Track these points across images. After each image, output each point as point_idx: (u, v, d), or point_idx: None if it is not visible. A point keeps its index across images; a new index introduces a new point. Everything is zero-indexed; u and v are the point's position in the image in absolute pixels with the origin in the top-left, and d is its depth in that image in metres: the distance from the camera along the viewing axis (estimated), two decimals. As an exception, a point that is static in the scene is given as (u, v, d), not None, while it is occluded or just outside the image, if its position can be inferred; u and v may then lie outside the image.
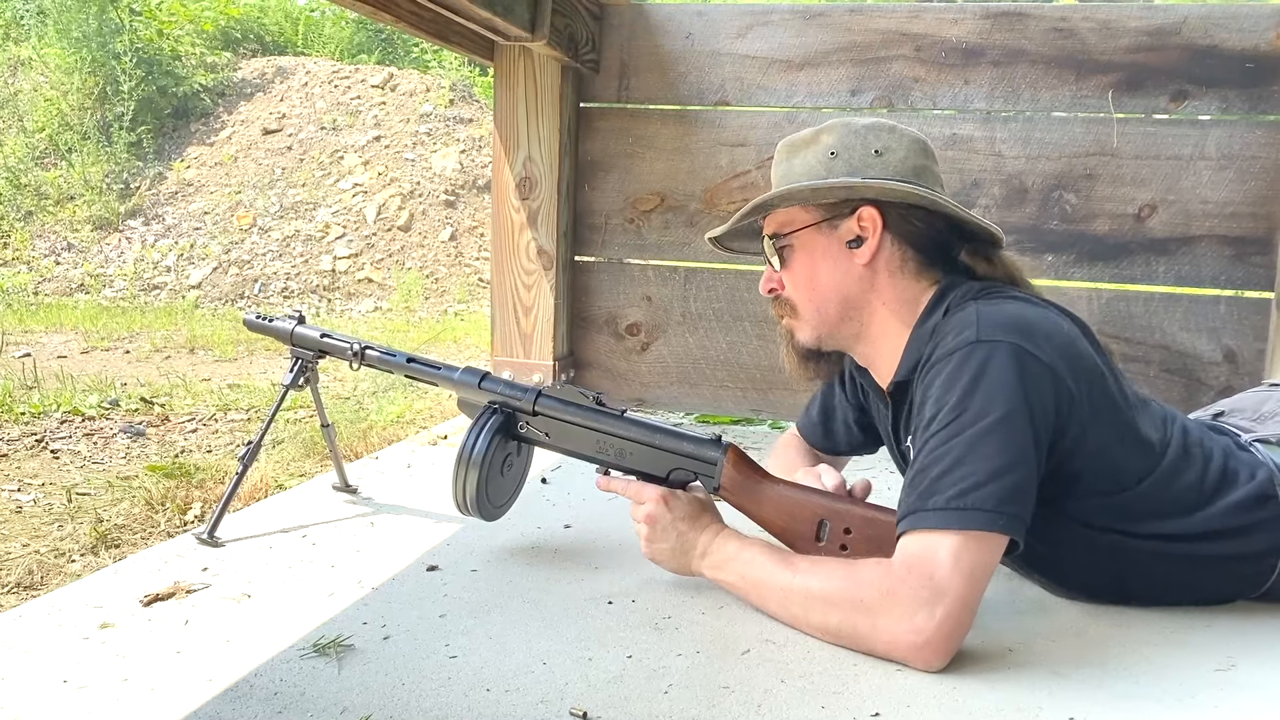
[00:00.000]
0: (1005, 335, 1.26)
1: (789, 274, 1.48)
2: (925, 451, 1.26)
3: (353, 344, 1.71)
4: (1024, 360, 1.24)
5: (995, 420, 1.22)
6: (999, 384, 1.23)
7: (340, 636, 1.29)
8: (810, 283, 1.46)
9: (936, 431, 1.25)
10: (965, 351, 1.26)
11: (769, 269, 1.50)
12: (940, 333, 1.33)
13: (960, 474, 1.21)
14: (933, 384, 1.29)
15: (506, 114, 2.71)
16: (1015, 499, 1.20)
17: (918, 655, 1.20)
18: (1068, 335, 1.32)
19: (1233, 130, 2.41)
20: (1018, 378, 1.23)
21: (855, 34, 2.60)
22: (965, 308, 1.34)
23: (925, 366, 1.33)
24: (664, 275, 2.78)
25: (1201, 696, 1.18)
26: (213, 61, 9.10)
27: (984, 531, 1.19)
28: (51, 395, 3.73)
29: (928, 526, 1.21)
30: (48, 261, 7.53)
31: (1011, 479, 1.20)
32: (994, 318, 1.29)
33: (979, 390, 1.23)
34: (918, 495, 1.23)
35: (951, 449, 1.22)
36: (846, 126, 1.44)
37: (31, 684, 1.15)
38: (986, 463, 1.20)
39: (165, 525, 2.41)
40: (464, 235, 7.78)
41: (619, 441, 1.52)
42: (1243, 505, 1.37)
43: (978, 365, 1.24)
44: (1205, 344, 2.46)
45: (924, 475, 1.24)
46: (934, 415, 1.26)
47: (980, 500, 1.19)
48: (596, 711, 1.11)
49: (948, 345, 1.29)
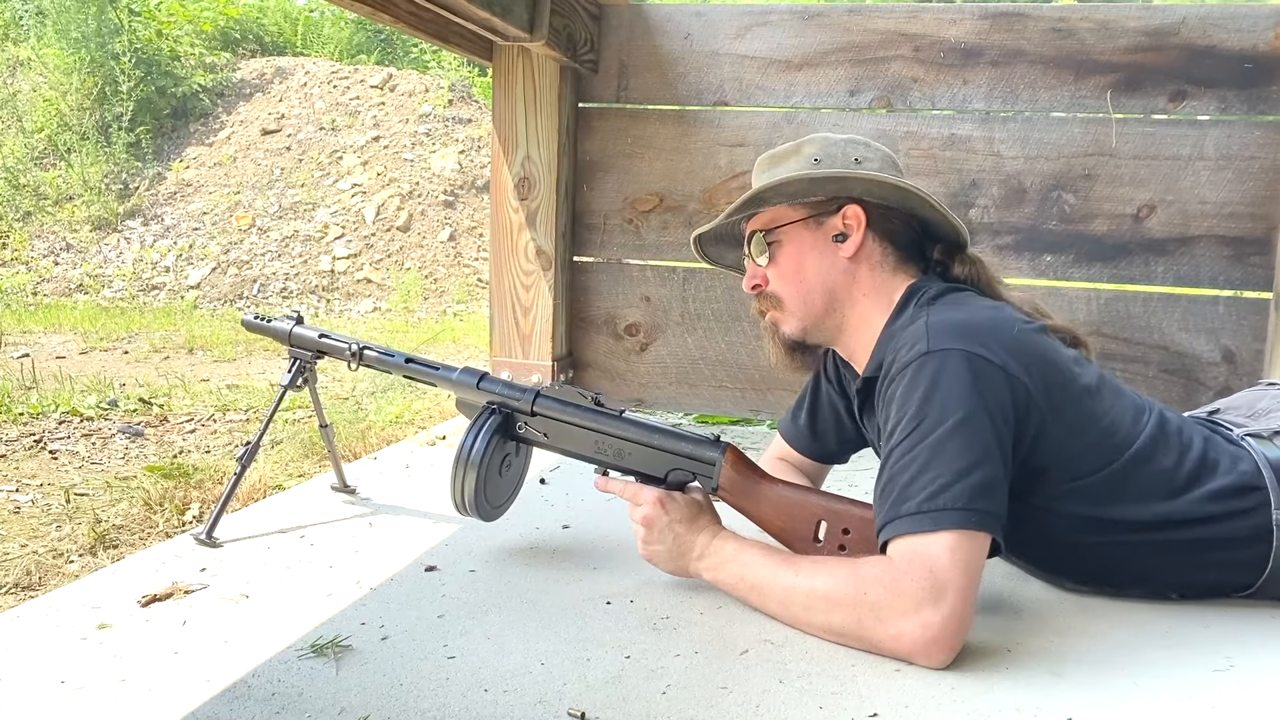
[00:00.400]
0: (954, 342, 1.30)
1: (775, 268, 1.53)
2: (891, 462, 1.29)
3: (351, 344, 1.71)
4: (974, 364, 1.28)
5: (954, 424, 1.25)
6: (953, 390, 1.27)
7: (338, 637, 1.29)
8: (797, 275, 1.52)
9: (899, 442, 1.29)
10: (918, 364, 1.31)
11: (751, 266, 1.57)
12: (897, 343, 1.38)
13: (928, 478, 1.24)
14: (893, 398, 1.34)
15: (505, 114, 2.71)
16: (984, 495, 1.23)
17: (925, 650, 1.20)
18: (1017, 334, 1.35)
19: (1231, 130, 2.41)
20: (970, 382, 1.27)
21: (854, 34, 2.60)
22: (918, 319, 1.38)
23: (885, 379, 1.38)
24: (663, 275, 2.78)
25: (1200, 697, 1.18)
26: (212, 62, 9.09)
27: (961, 530, 1.21)
28: (50, 396, 3.73)
29: (907, 531, 1.23)
30: (46, 262, 7.53)
31: (979, 476, 1.23)
32: (943, 327, 1.33)
33: (935, 398, 1.27)
34: (890, 504, 1.26)
35: (916, 456, 1.26)
36: (826, 139, 1.55)
37: (29, 684, 1.15)
38: (951, 464, 1.23)
39: (163, 526, 2.41)
40: (463, 236, 7.78)
41: (617, 442, 1.52)
42: (1221, 494, 1.38)
43: (931, 375, 1.29)
44: (1204, 344, 2.46)
45: (893, 484, 1.27)
46: (895, 427, 1.31)
47: (951, 500, 1.22)
48: (594, 712, 1.11)
49: (903, 359, 1.34)
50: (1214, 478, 1.39)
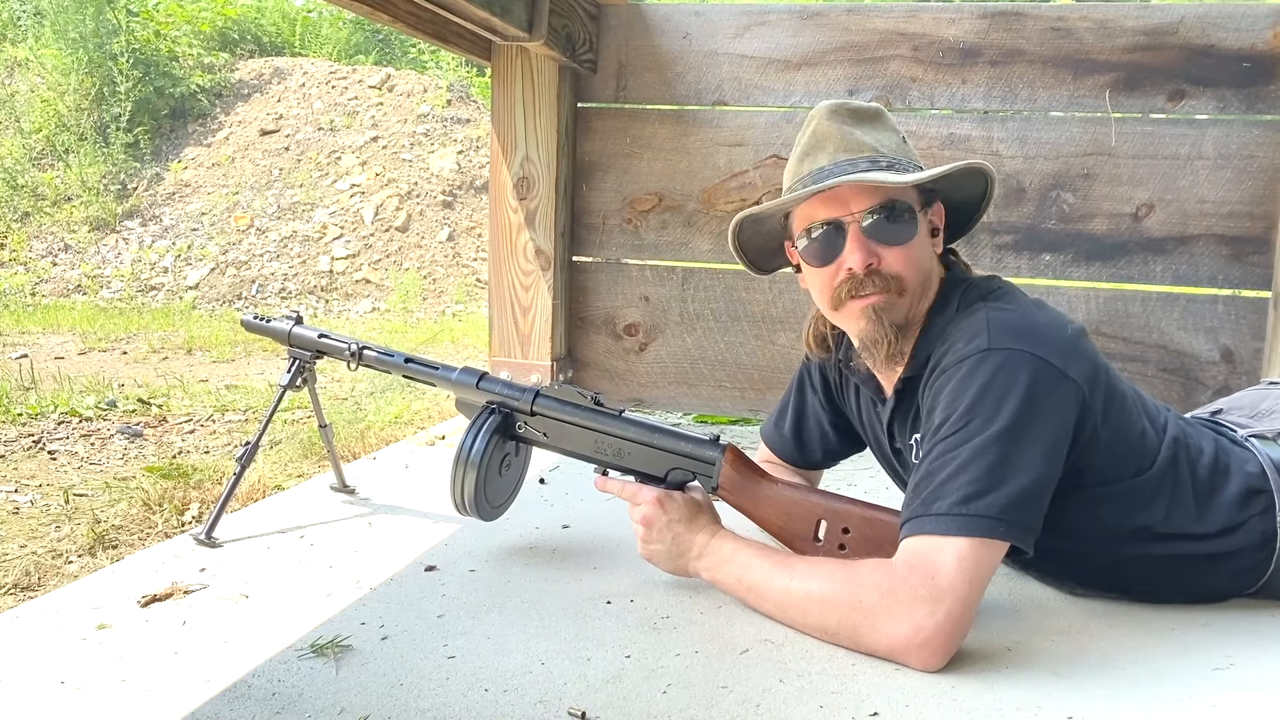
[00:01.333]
0: (1016, 342, 1.27)
1: (907, 249, 1.38)
2: (932, 456, 1.26)
3: (350, 344, 1.71)
4: (1036, 367, 1.25)
5: (1003, 428, 1.22)
6: (1008, 392, 1.24)
7: (338, 637, 1.29)
8: (921, 260, 1.41)
9: (945, 437, 1.25)
10: (976, 359, 1.27)
11: (867, 243, 1.37)
12: (950, 337, 1.34)
13: (964, 480, 1.21)
14: (943, 390, 1.29)
15: (504, 114, 2.71)
16: (1020, 506, 1.21)
17: (916, 655, 1.20)
18: (1070, 335, 1.32)
19: (1230, 130, 2.41)
20: (1027, 386, 1.24)
21: (853, 34, 2.60)
22: (975, 312, 1.34)
23: (935, 372, 1.33)
24: (662, 275, 2.78)
25: (1200, 695, 1.18)
26: (210, 62, 9.08)
27: (984, 538, 1.20)
28: (49, 396, 3.73)
29: (930, 531, 1.21)
30: (45, 262, 7.52)
31: (1016, 486, 1.21)
32: (1004, 324, 1.30)
33: (988, 398, 1.24)
34: (922, 500, 1.24)
35: (958, 455, 1.23)
36: (883, 110, 1.46)
37: (29, 685, 1.15)
38: (991, 470, 1.21)
39: (163, 526, 2.41)
40: (462, 236, 7.77)
41: (617, 441, 1.52)
42: (1237, 500, 1.38)
43: (989, 374, 1.25)
44: (1203, 343, 2.46)
45: (929, 480, 1.24)
46: (943, 421, 1.27)
47: (984, 508, 1.20)
48: (595, 711, 1.11)
49: (959, 351, 1.30)
50: (1229, 482, 1.38)
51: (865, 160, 1.36)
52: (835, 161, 1.37)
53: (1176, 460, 1.38)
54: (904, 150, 1.41)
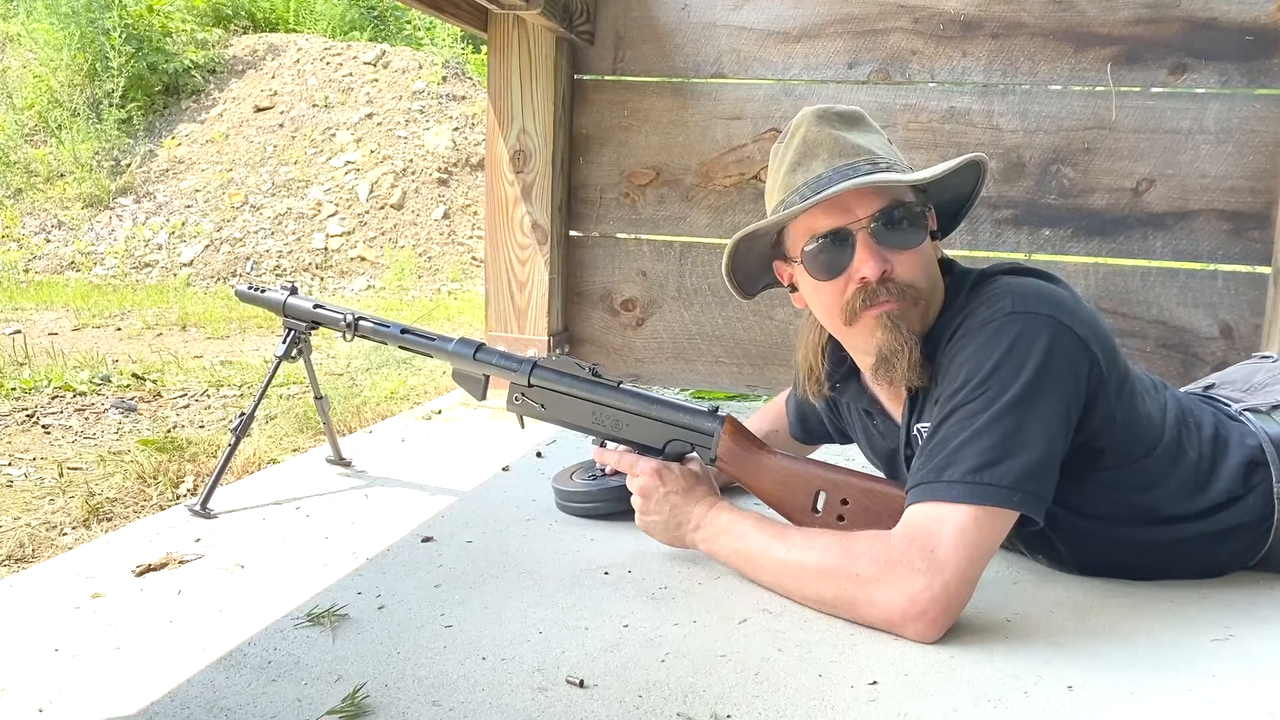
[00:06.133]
0: (1040, 308, 1.25)
1: (917, 254, 1.32)
2: (949, 422, 1.25)
3: (346, 314, 1.70)
4: (1059, 334, 1.24)
5: (1021, 395, 1.21)
6: (1028, 359, 1.22)
7: (334, 606, 1.28)
8: (930, 264, 1.36)
9: (963, 403, 1.24)
10: (1000, 322, 1.25)
11: (878, 250, 1.29)
12: (969, 308, 1.31)
13: (980, 447, 1.20)
14: (960, 352, 1.27)
15: (500, 86, 2.68)
16: (1034, 476, 1.20)
17: (912, 626, 1.19)
18: (1091, 311, 1.32)
19: (1232, 104, 2.40)
20: (1048, 351, 1.22)
21: (852, 5, 2.57)
22: (995, 281, 1.33)
23: (956, 335, 1.30)
24: (659, 250, 2.76)
25: (1199, 666, 1.18)
26: (203, 38, 9.01)
27: (994, 507, 1.19)
28: (43, 371, 3.71)
29: (939, 498, 1.20)
30: (38, 239, 7.47)
31: (1032, 455, 1.20)
32: (1026, 290, 1.29)
33: (1008, 364, 1.22)
34: (934, 466, 1.22)
35: (974, 421, 1.22)
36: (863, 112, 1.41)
37: (22, 653, 1.14)
38: (1008, 439, 1.20)
39: (157, 499, 2.40)
40: (457, 213, 7.74)
41: (615, 413, 1.51)
42: (1239, 473, 1.37)
43: (1012, 337, 1.23)
44: (1202, 319, 2.45)
45: (943, 445, 1.23)
46: (962, 385, 1.25)
47: (997, 476, 1.18)
48: (593, 680, 1.10)
49: (981, 316, 1.28)
50: (1227, 456, 1.38)
51: (864, 163, 1.30)
52: (833, 168, 1.30)
53: (1180, 439, 1.37)
54: (893, 151, 1.37)
